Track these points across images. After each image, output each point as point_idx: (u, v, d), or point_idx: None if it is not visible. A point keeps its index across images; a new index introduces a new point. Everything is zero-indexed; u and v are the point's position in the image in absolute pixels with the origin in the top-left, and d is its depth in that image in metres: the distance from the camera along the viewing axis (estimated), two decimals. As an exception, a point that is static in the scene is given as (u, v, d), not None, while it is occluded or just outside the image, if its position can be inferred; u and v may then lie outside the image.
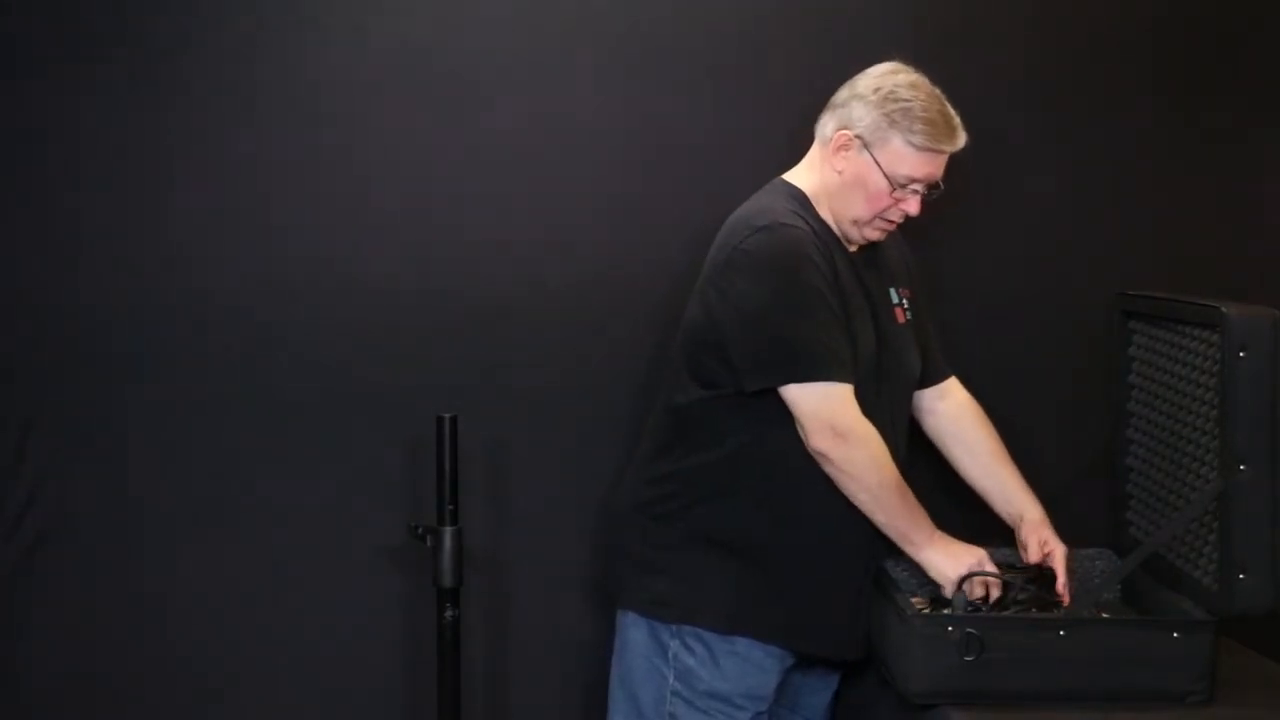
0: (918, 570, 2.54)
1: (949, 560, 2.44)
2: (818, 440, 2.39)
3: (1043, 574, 2.55)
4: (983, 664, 2.29)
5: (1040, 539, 2.55)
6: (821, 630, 2.51)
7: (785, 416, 2.42)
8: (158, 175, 2.72)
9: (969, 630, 2.29)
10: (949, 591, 2.43)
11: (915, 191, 2.46)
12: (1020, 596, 2.48)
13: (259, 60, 2.73)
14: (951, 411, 2.69)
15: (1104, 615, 2.58)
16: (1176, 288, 2.93)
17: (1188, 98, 2.92)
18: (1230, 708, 2.31)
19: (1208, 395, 2.42)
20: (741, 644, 2.48)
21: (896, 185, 2.44)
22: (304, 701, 2.81)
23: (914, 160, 2.43)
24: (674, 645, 2.49)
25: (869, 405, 2.43)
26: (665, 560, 2.50)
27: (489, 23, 2.76)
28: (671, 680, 2.50)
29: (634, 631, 2.55)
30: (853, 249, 2.53)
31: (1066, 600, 2.48)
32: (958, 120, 2.46)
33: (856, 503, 2.42)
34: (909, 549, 2.45)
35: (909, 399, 2.62)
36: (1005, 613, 2.44)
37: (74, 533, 2.73)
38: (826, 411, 2.39)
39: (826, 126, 2.50)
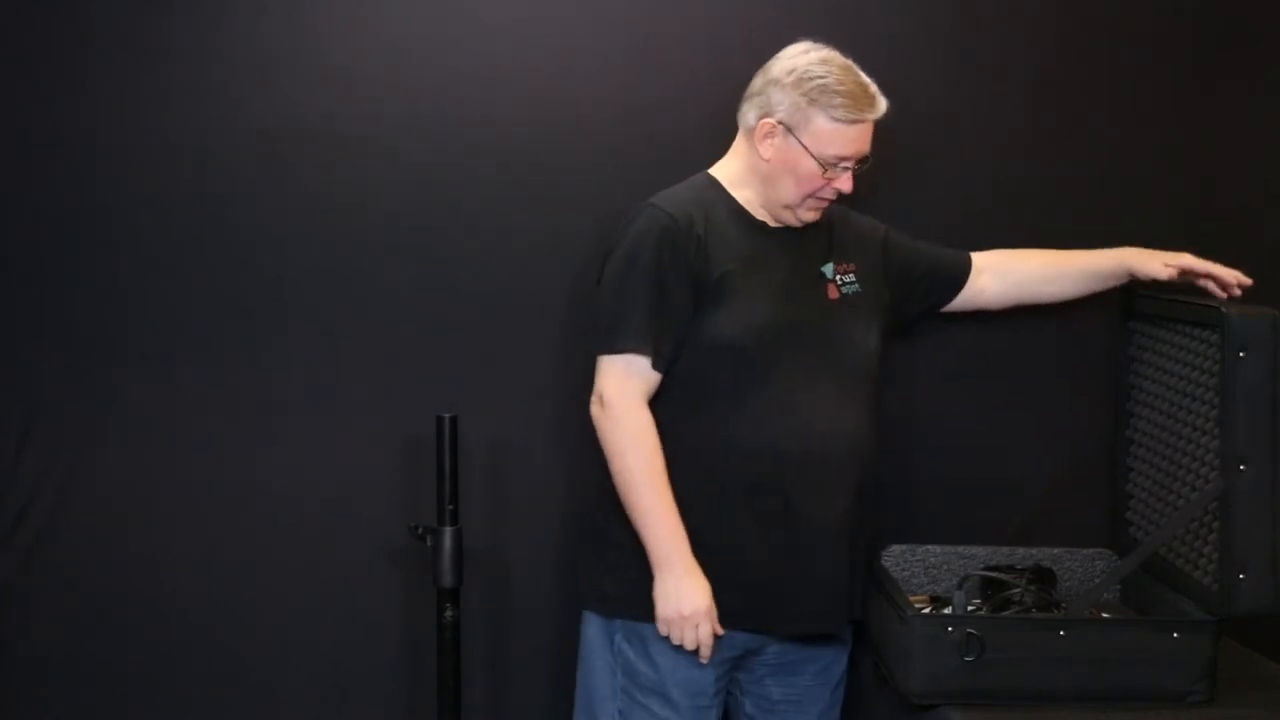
0: (918, 570, 2.54)
1: (673, 595, 2.40)
2: (591, 406, 2.47)
3: (1041, 574, 2.55)
4: (983, 664, 2.29)
5: (1158, 261, 2.59)
6: (739, 607, 2.46)
7: (691, 399, 2.44)
8: (157, 177, 2.72)
9: (969, 630, 2.29)
10: (660, 628, 2.42)
11: (846, 169, 2.47)
12: (1022, 598, 2.48)
13: (259, 59, 2.73)
14: (993, 274, 2.70)
15: (1104, 615, 2.58)
16: (1178, 287, 2.95)
17: (1191, 93, 2.93)
18: (1230, 708, 2.32)
19: (1208, 395, 2.42)
20: None
21: (827, 166, 2.44)
22: (304, 701, 2.81)
23: (839, 136, 2.44)
24: (618, 640, 2.51)
25: (763, 380, 2.43)
26: (611, 557, 2.51)
27: (490, 23, 2.77)
28: (619, 676, 2.51)
29: (588, 629, 2.57)
30: (768, 219, 2.53)
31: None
32: (874, 88, 2.47)
33: (615, 482, 2.45)
34: (651, 559, 2.43)
35: (859, 376, 2.55)
36: (1005, 613, 2.44)
37: (74, 533, 2.73)
38: (602, 381, 2.45)
39: (748, 116, 2.50)
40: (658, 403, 2.46)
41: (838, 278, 2.57)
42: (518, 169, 2.78)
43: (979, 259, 2.70)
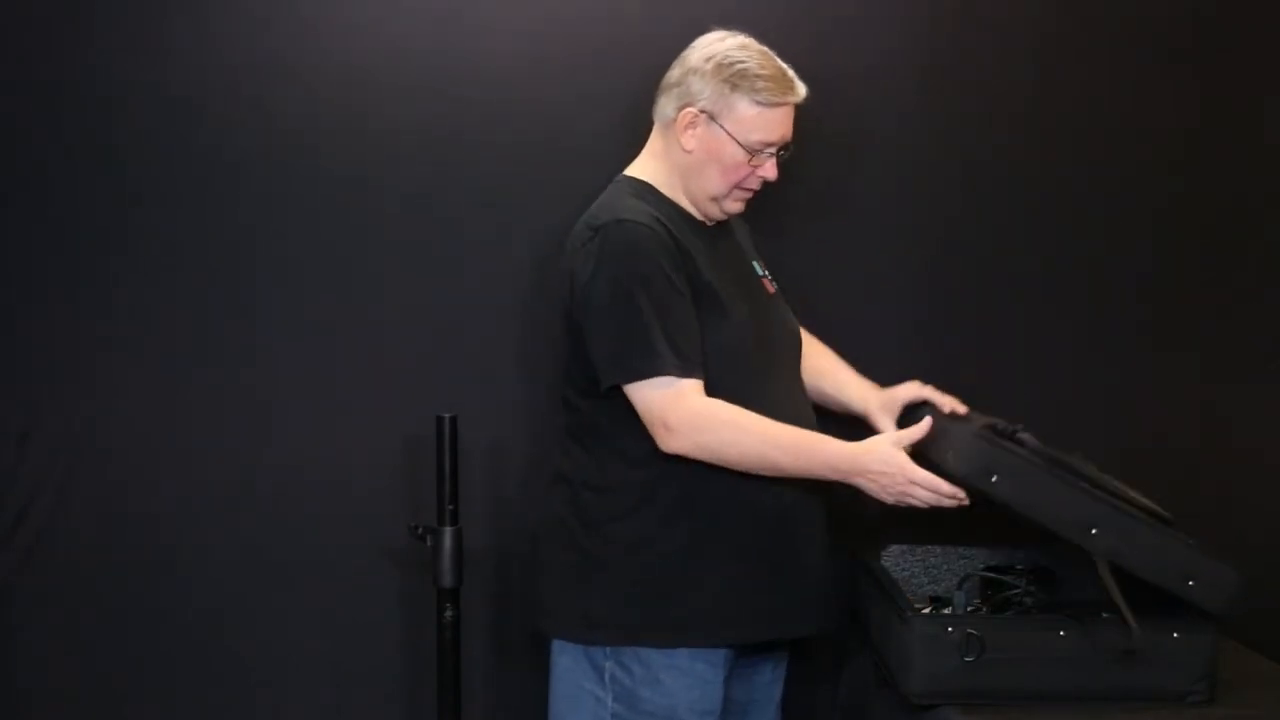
0: (918, 570, 2.54)
1: (879, 488, 2.33)
2: (660, 442, 2.33)
3: (1042, 574, 2.55)
4: (983, 664, 2.29)
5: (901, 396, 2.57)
6: (759, 616, 2.43)
7: None
8: (158, 178, 2.72)
9: (969, 630, 2.29)
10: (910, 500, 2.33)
11: (770, 155, 2.44)
12: (1023, 599, 2.48)
13: (258, 60, 2.73)
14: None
15: (1104, 615, 2.58)
16: (1177, 288, 2.96)
17: (1195, 90, 2.94)
18: (1230, 708, 2.32)
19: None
20: (681, 657, 2.39)
21: (753, 152, 2.42)
22: (304, 701, 2.80)
23: (763, 121, 2.40)
24: (609, 666, 2.41)
25: (760, 380, 2.41)
26: (596, 577, 2.41)
27: (490, 24, 2.77)
28: (610, 703, 2.41)
29: (560, 657, 2.47)
30: (705, 221, 2.50)
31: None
32: (793, 73, 2.44)
33: (761, 473, 2.35)
34: (839, 478, 2.35)
35: (799, 365, 2.57)
36: (1006, 614, 2.44)
37: (74, 533, 2.73)
38: (652, 411, 2.33)
39: (666, 108, 2.46)
40: (632, 417, 2.38)
41: (765, 274, 2.59)
42: (519, 169, 2.78)
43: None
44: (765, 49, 2.44)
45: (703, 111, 2.41)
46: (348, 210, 2.76)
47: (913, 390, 2.57)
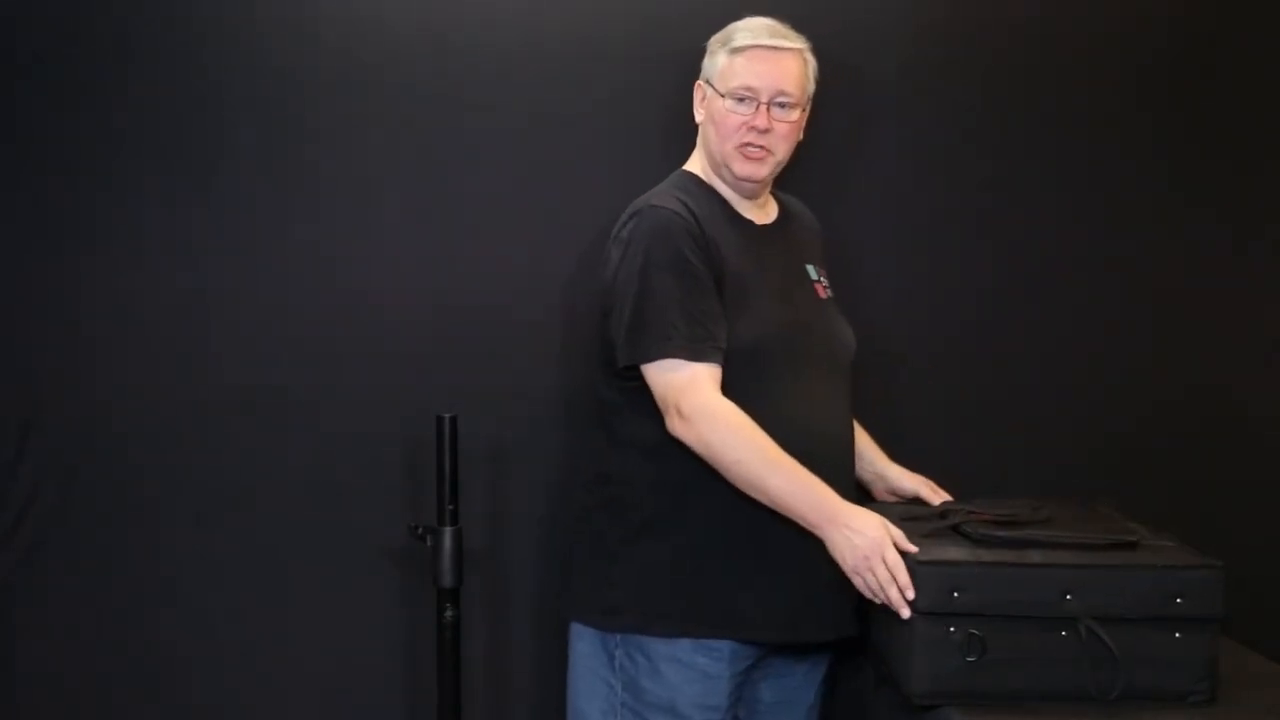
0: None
1: (846, 545, 2.32)
2: (669, 424, 2.35)
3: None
4: (985, 664, 2.29)
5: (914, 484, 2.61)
6: (769, 616, 2.41)
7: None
8: (158, 179, 2.72)
9: (971, 631, 2.29)
10: (855, 582, 2.33)
11: (756, 103, 2.45)
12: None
13: (258, 63, 2.73)
14: None
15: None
16: (1178, 297, 2.96)
17: (1194, 104, 2.95)
18: (1230, 707, 2.31)
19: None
20: (683, 649, 2.40)
21: (737, 100, 2.44)
22: (304, 701, 2.80)
23: (741, 67, 2.45)
24: (619, 655, 2.43)
25: (786, 379, 2.40)
26: (614, 569, 2.43)
27: (489, 25, 2.77)
28: (620, 691, 2.43)
29: (579, 643, 2.50)
30: (756, 217, 2.53)
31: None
32: (786, 28, 2.48)
33: (748, 490, 2.34)
34: (811, 529, 2.34)
35: (846, 375, 2.55)
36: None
37: (74, 533, 2.73)
38: (666, 393, 2.35)
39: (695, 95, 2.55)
40: (651, 405, 2.40)
41: (821, 279, 2.59)
42: (519, 168, 2.79)
43: None
44: (774, 21, 2.49)
45: (705, 81, 2.51)
46: (347, 210, 2.76)
47: (919, 488, 2.61)
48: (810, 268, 2.58)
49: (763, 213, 2.57)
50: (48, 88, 2.68)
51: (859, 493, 2.60)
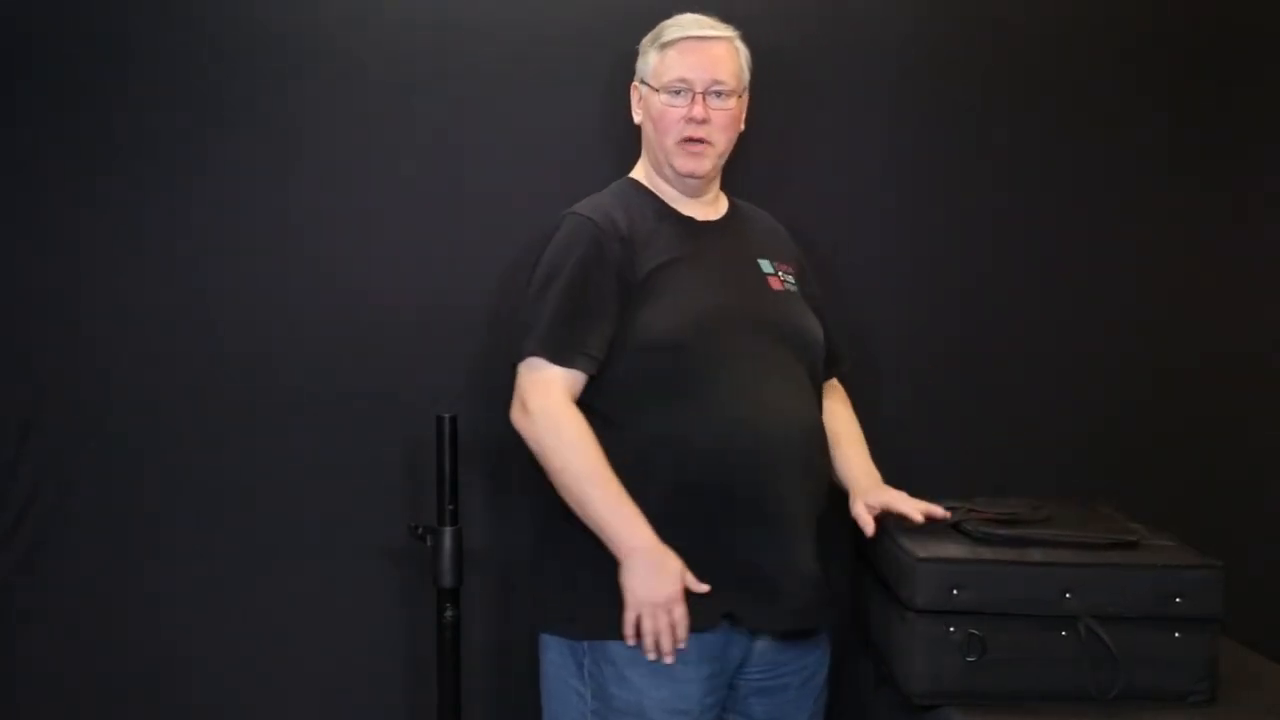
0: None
1: (641, 582, 2.30)
2: (512, 414, 2.41)
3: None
4: (984, 664, 2.29)
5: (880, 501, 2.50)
6: (723, 607, 2.36)
7: (638, 398, 2.37)
8: (158, 179, 2.72)
9: (971, 631, 2.29)
10: (628, 619, 2.30)
11: (690, 93, 2.45)
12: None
13: (258, 62, 2.73)
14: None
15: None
16: (1178, 297, 2.96)
17: (1193, 106, 2.95)
18: (1230, 707, 2.32)
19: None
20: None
21: (670, 93, 2.46)
22: (304, 701, 2.80)
23: (672, 61, 2.47)
24: (587, 663, 2.39)
25: (712, 370, 2.36)
26: (579, 574, 2.40)
27: (490, 25, 2.77)
28: (589, 699, 2.39)
29: (549, 653, 2.46)
30: (698, 214, 2.52)
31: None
32: (714, 19, 2.50)
33: (565, 496, 2.36)
34: (617, 553, 2.32)
35: (812, 364, 2.51)
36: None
37: (74, 533, 2.73)
38: (522, 387, 2.39)
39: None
40: (605, 404, 2.39)
41: (779, 273, 2.56)
42: (519, 168, 2.79)
43: (832, 382, 2.66)
44: (700, 15, 2.51)
45: (640, 82, 2.52)
46: (347, 210, 2.76)
47: (898, 504, 2.48)
48: (765, 262, 2.56)
49: (708, 210, 2.56)
50: (48, 88, 2.68)
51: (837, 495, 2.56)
